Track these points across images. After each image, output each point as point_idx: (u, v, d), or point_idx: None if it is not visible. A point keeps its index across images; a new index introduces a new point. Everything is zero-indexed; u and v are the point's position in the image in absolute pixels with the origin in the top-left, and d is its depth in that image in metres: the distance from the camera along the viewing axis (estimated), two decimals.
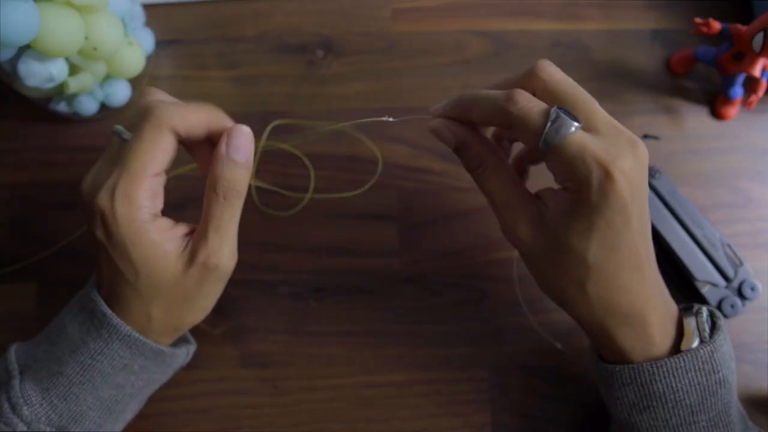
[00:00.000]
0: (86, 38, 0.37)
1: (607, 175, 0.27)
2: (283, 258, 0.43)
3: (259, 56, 0.47)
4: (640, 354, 0.31)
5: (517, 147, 0.39)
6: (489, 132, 0.36)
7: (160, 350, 0.33)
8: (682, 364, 0.30)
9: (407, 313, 0.42)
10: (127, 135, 0.31)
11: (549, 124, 0.28)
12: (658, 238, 0.41)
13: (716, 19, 0.42)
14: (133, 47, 0.43)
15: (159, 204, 0.31)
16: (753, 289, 0.41)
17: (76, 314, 0.32)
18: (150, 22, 0.47)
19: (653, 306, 0.31)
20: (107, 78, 0.43)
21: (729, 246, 0.41)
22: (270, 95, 0.47)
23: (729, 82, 0.43)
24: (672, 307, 0.32)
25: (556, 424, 0.40)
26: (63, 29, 0.36)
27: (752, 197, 0.44)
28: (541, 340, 0.41)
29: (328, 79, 0.47)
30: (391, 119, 0.34)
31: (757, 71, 0.41)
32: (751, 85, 0.43)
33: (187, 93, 0.47)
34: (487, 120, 0.31)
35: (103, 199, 0.29)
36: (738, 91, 0.44)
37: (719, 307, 0.41)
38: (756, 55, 0.40)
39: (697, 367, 0.30)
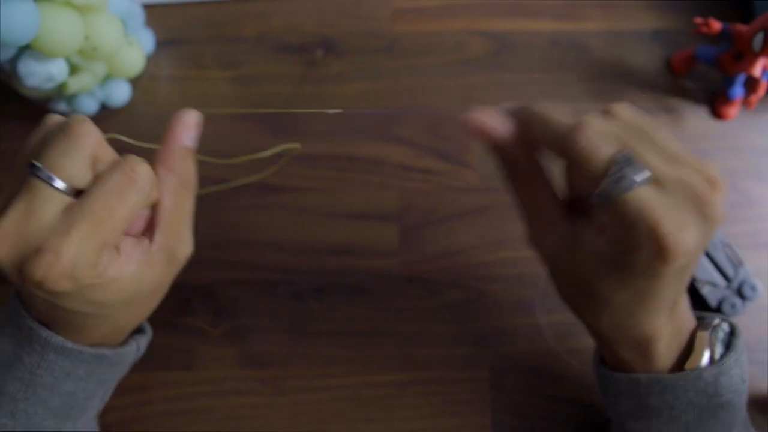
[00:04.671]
0: (86, 38, 0.37)
1: (659, 249, 0.23)
2: (283, 258, 0.43)
3: (259, 56, 0.47)
4: (640, 367, 0.30)
5: None
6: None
7: (101, 354, 0.30)
8: (681, 383, 0.29)
9: (407, 313, 0.42)
10: (58, 182, 0.25)
11: (609, 174, 0.24)
12: None
13: (716, 19, 0.42)
14: (133, 47, 0.43)
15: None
16: (753, 289, 0.41)
17: (3, 328, 0.30)
18: (150, 22, 0.47)
19: (662, 330, 0.29)
20: (107, 78, 0.43)
21: (729, 246, 0.41)
22: (270, 95, 0.47)
23: (729, 82, 0.43)
24: (686, 325, 0.30)
25: (556, 424, 0.40)
26: (63, 29, 0.36)
27: (752, 197, 0.44)
28: (541, 339, 0.41)
29: (328, 79, 0.47)
30: (330, 112, 0.32)
31: (757, 71, 0.41)
32: (751, 85, 0.43)
33: (187, 93, 0.47)
34: (542, 143, 0.27)
35: (53, 270, 0.24)
36: (738, 91, 0.44)
37: (719, 307, 0.41)
38: (756, 55, 0.40)
39: (697, 389, 0.29)
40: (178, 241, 0.29)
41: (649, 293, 0.26)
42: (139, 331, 0.34)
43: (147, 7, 0.47)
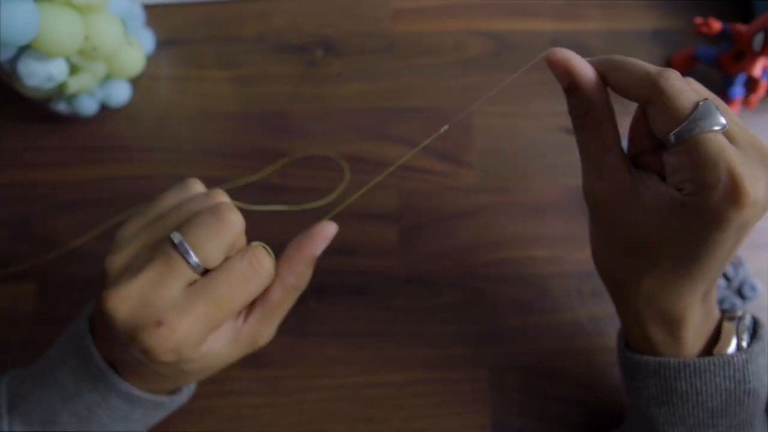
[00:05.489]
0: (86, 38, 0.37)
1: (734, 190, 0.24)
2: None
3: (259, 56, 0.47)
4: (668, 350, 0.30)
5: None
6: None
7: (160, 402, 0.31)
8: (711, 368, 0.30)
9: (407, 313, 0.42)
10: (194, 259, 0.26)
11: (696, 111, 0.25)
12: None
13: (716, 19, 0.42)
14: (133, 47, 0.43)
15: None
16: (753, 289, 0.41)
17: (67, 357, 0.30)
18: (150, 22, 0.47)
19: (694, 311, 0.29)
20: (107, 78, 0.43)
21: None
22: (270, 95, 0.47)
23: (729, 82, 0.43)
24: (713, 314, 0.31)
25: (556, 424, 0.40)
26: (63, 29, 0.36)
27: None
28: (542, 339, 0.41)
29: (328, 79, 0.47)
30: (447, 127, 0.31)
31: (757, 71, 0.41)
32: (751, 85, 0.43)
33: (187, 93, 0.47)
34: (627, 86, 0.28)
35: (164, 344, 0.25)
36: (738, 91, 0.44)
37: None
38: (756, 55, 0.40)
39: (726, 374, 0.30)
40: (266, 331, 0.30)
41: (705, 248, 0.26)
42: None
43: (147, 7, 0.47)
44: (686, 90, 0.26)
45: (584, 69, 0.28)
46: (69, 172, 0.45)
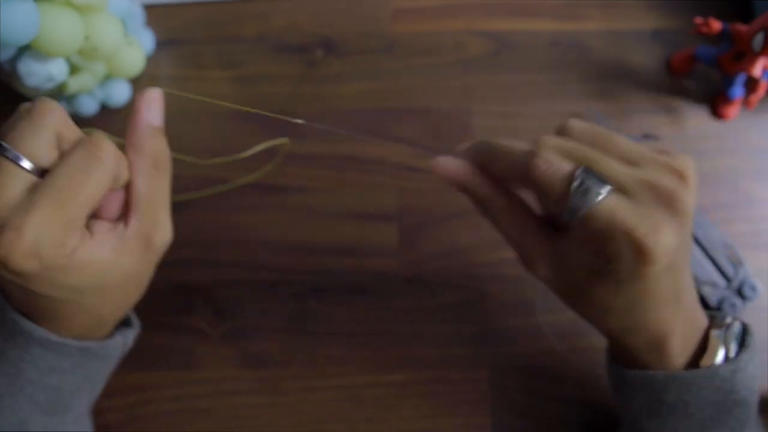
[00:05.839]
0: (86, 38, 0.37)
1: (639, 254, 0.24)
2: (283, 258, 0.43)
3: (259, 56, 0.47)
4: (655, 365, 0.30)
5: None
6: None
7: (85, 347, 0.30)
8: (698, 380, 0.29)
9: (407, 313, 0.42)
10: (24, 161, 0.25)
11: (573, 191, 0.25)
12: None
13: (716, 19, 0.42)
14: (133, 47, 0.43)
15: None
16: (753, 289, 0.41)
17: None
18: (150, 22, 0.47)
19: (676, 326, 0.29)
20: (107, 78, 0.43)
21: (729, 246, 0.41)
22: (270, 95, 0.47)
23: (729, 82, 0.43)
24: (699, 322, 0.30)
25: (556, 425, 0.40)
26: (63, 29, 0.36)
27: (753, 197, 0.44)
28: (541, 339, 0.41)
29: (328, 79, 0.47)
30: (300, 121, 0.32)
31: (757, 71, 0.41)
32: (751, 85, 0.43)
33: (187, 93, 0.47)
34: (504, 178, 0.28)
35: (16, 248, 0.23)
36: (738, 91, 0.44)
37: (719, 307, 0.41)
38: (756, 55, 0.40)
39: (714, 386, 0.29)
40: (155, 226, 0.28)
41: (645, 294, 0.27)
42: (127, 325, 0.34)
43: (147, 7, 0.47)
44: (557, 169, 0.25)
45: (461, 173, 0.29)
46: None
